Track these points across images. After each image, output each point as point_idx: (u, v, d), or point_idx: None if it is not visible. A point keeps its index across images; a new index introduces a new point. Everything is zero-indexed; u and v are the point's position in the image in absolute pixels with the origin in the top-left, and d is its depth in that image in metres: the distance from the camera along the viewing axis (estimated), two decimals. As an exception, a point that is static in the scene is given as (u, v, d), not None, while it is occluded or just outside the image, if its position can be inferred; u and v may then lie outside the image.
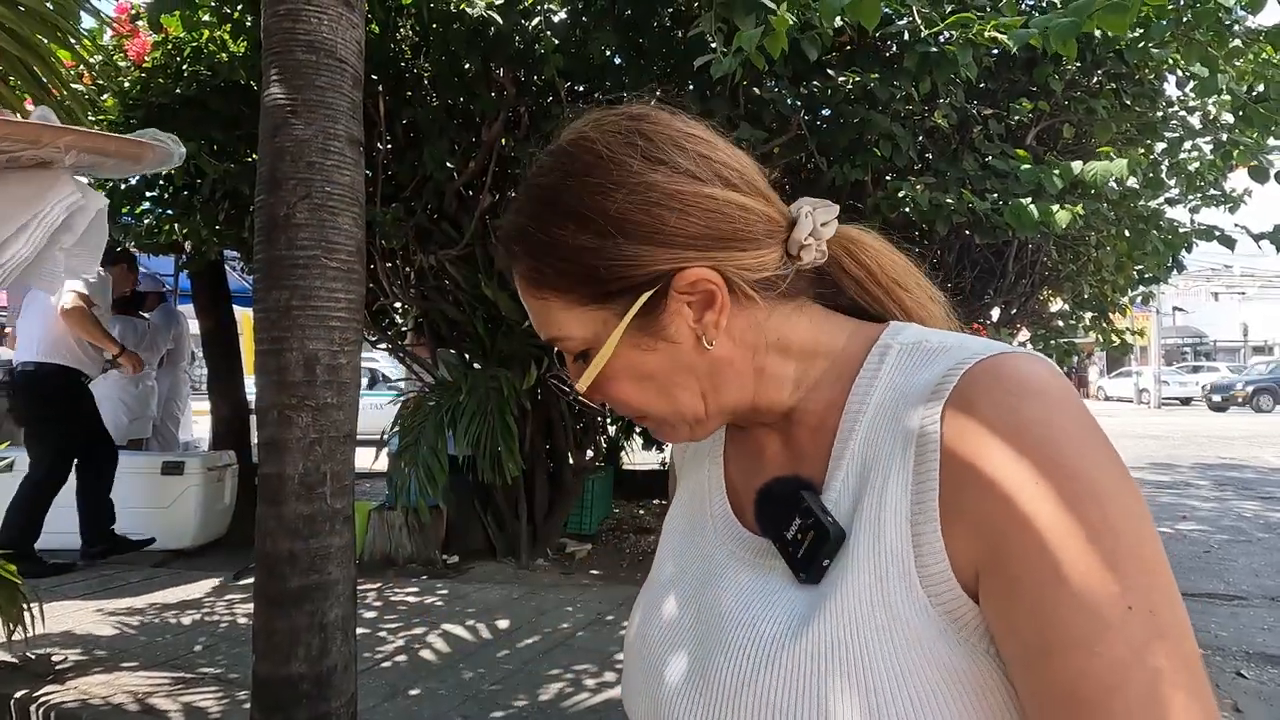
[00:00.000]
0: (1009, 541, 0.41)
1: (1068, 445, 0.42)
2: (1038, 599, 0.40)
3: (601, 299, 0.52)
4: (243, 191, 3.67)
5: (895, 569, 0.45)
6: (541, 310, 0.55)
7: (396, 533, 4.00)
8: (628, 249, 0.51)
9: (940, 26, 2.55)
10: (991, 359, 0.46)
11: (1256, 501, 6.32)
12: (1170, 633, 0.39)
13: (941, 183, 2.94)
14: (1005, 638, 0.42)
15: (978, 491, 0.43)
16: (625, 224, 0.51)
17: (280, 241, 1.31)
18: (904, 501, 0.46)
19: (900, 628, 0.44)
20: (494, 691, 2.39)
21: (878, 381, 0.51)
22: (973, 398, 0.45)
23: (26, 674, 2.45)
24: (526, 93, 3.44)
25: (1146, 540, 0.41)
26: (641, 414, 0.56)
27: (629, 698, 0.59)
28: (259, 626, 1.36)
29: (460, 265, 3.72)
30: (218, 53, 3.43)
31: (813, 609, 0.47)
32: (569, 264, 0.52)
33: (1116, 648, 0.38)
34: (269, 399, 1.33)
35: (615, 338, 0.52)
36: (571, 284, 0.52)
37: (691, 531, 0.62)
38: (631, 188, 0.51)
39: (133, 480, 4.06)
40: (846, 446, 0.51)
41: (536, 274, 0.53)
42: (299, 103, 1.30)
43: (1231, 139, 3.07)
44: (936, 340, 0.51)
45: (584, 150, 0.53)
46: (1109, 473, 0.42)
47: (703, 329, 0.52)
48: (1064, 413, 0.43)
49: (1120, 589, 0.39)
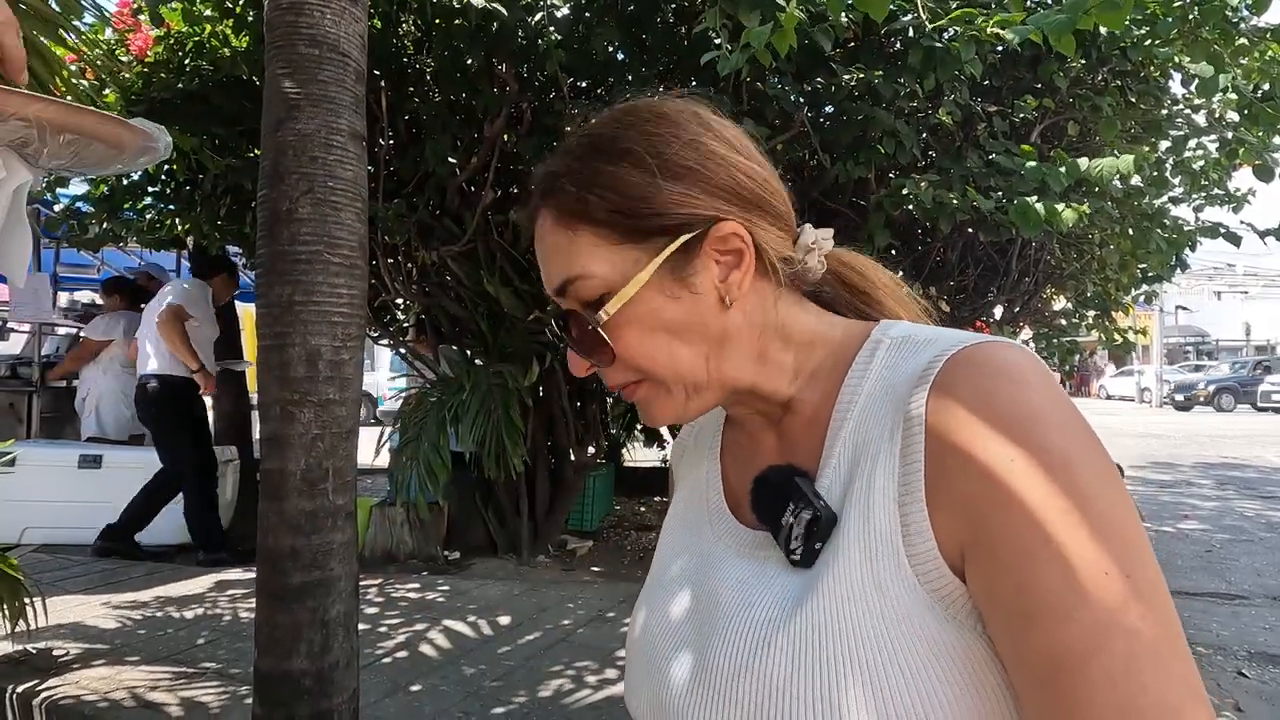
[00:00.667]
0: (989, 517, 0.43)
1: (1038, 421, 0.44)
2: (1017, 571, 0.41)
3: (636, 236, 0.53)
4: (244, 186, 3.67)
5: (885, 549, 0.46)
6: (567, 247, 0.54)
7: (398, 529, 4.00)
8: (675, 190, 0.53)
9: (944, 22, 2.54)
10: (972, 347, 0.48)
11: (1258, 501, 6.31)
12: (1146, 594, 0.40)
13: (945, 180, 2.93)
14: (990, 613, 0.43)
15: (959, 471, 0.45)
16: (677, 168, 0.53)
17: (283, 237, 1.31)
18: (891, 484, 0.47)
19: (891, 605, 0.45)
20: (495, 688, 2.39)
21: (869, 374, 0.54)
22: (953, 383, 0.47)
23: (28, 668, 2.46)
24: (529, 88, 3.43)
25: (1118, 504, 0.42)
26: (641, 374, 0.56)
27: (631, 694, 0.60)
28: (261, 621, 1.36)
29: (462, 261, 3.72)
30: (219, 48, 3.42)
31: (806, 590, 0.48)
32: (614, 194, 0.53)
33: (1094, 612, 0.39)
34: (271, 394, 1.33)
35: (647, 273, 0.53)
36: (610, 216, 0.53)
37: (691, 529, 0.63)
38: (686, 141, 0.54)
39: (133, 476, 4.07)
40: (838, 436, 0.53)
41: (576, 204, 0.54)
42: (302, 97, 1.30)
43: (1237, 137, 3.06)
44: (925, 334, 0.54)
45: (647, 107, 0.57)
46: (1078, 443, 0.43)
47: (726, 288, 0.54)
48: (1035, 391, 0.45)
49: (1095, 555, 0.40)
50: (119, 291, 4.93)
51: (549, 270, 0.56)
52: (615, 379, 0.57)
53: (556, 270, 0.55)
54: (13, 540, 3.90)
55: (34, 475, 4.06)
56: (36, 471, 4.07)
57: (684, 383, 0.55)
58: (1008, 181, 2.88)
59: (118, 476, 4.10)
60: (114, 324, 4.75)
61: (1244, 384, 19.87)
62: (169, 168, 3.92)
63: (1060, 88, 3.07)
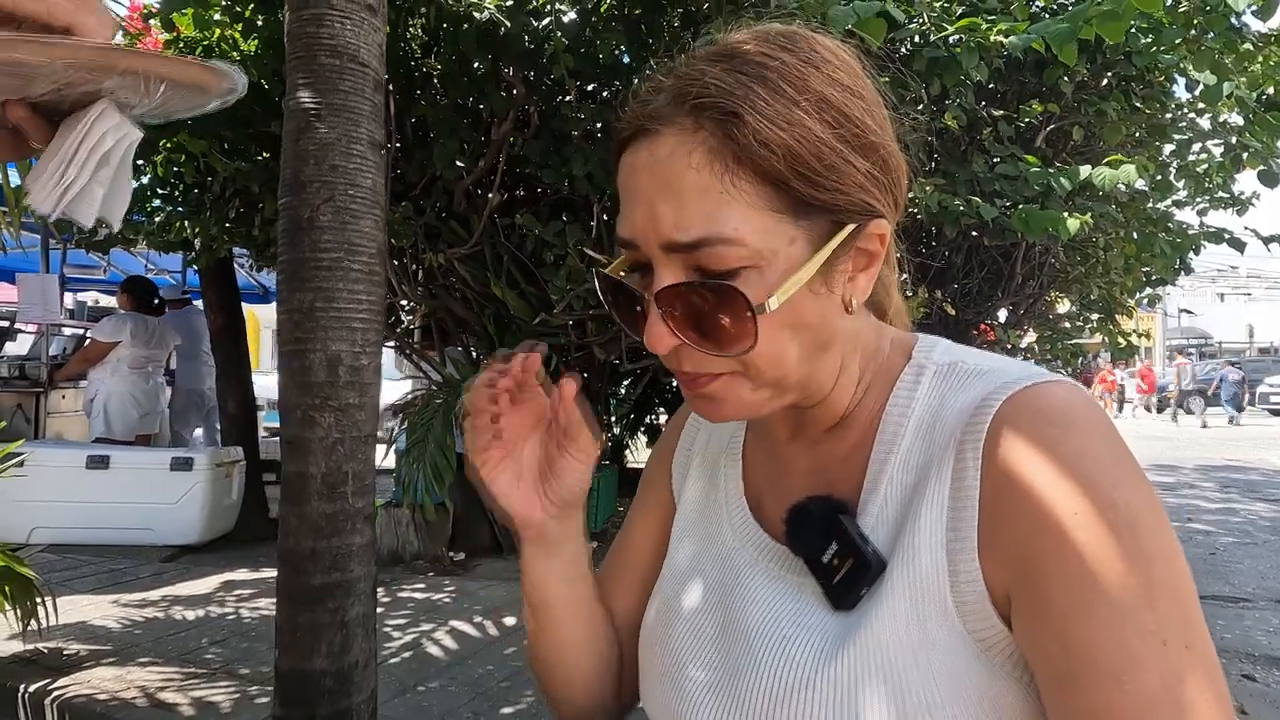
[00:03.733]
0: (1043, 566, 0.41)
1: (1105, 476, 0.42)
2: (1066, 626, 0.40)
3: (800, 211, 0.44)
4: (253, 190, 3.69)
5: (930, 595, 0.44)
6: (716, 195, 0.43)
7: (404, 530, 4.02)
8: (861, 167, 0.45)
9: (949, 31, 2.56)
10: (1033, 388, 0.45)
11: (1262, 504, 6.31)
12: (1203, 669, 0.39)
13: (951, 184, 2.95)
14: (1036, 662, 0.42)
15: (1015, 518, 0.43)
16: (865, 140, 0.45)
17: (304, 244, 1.33)
18: (939, 527, 0.45)
19: (937, 655, 0.43)
20: (504, 688, 2.41)
21: (914, 402, 0.50)
22: (1014, 425, 0.44)
23: (40, 667, 2.48)
24: (536, 92, 3.45)
25: (1179, 574, 0.41)
26: (744, 368, 0.47)
27: (648, 698, 0.58)
28: (281, 621, 1.38)
29: (469, 264, 3.73)
30: (229, 52, 3.44)
31: (847, 633, 0.46)
32: (805, 151, 0.43)
33: (1148, 681, 0.38)
34: (292, 399, 1.35)
35: (816, 262, 0.44)
36: (789, 175, 0.43)
37: (706, 527, 0.60)
38: (870, 104, 0.47)
39: (141, 476, 4.09)
40: (884, 470, 0.50)
41: (752, 145, 0.42)
42: (323, 106, 1.32)
43: (1241, 142, 3.08)
44: (973, 362, 0.51)
45: (825, 48, 0.47)
46: (1144, 504, 0.42)
47: (853, 290, 0.48)
48: (1101, 442, 0.43)
49: (1154, 622, 0.39)
50: (130, 292, 4.96)
51: (679, 213, 0.43)
52: (705, 367, 0.48)
53: (693, 220, 0.43)
54: (21, 540, 3.92)
55: (42, 476, 4.08)
56: (44, 472, 4.09)
57: (780, 384, 0.48)
58: (1013, 186, 2.89)
59: (125, 477, 4.12)
60: (121, 325, 4.77)
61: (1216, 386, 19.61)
62: (177, 170, 3.94)
63: (1065, 92, 3.09)
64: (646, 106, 0.46)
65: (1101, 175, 2.61)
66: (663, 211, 0.44)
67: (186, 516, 4.10)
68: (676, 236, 0.44)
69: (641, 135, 0.46)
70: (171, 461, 4.16)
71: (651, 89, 0.47)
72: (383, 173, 1.43)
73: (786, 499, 0.53)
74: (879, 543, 0.47)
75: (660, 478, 0.67)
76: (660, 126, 0.45)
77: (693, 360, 0.48)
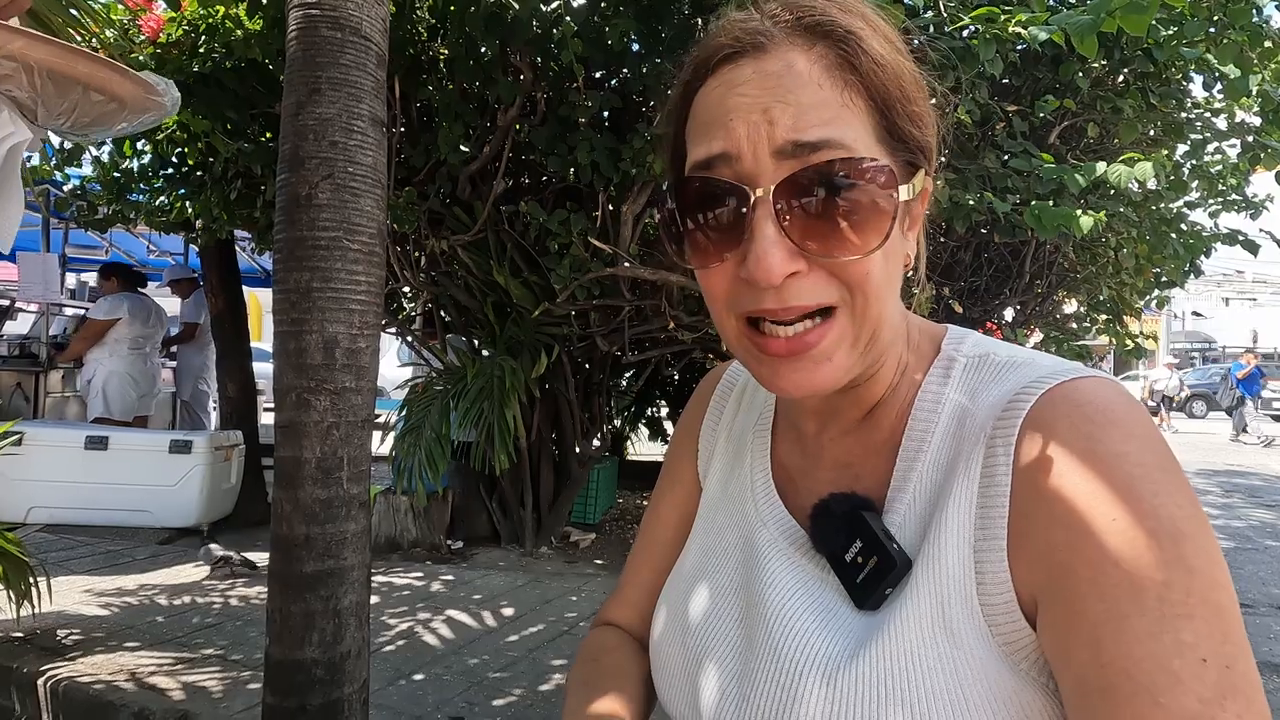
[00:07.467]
0: (1079, 573, 0.39)
1: (1148, 482, 0.40)
2: (1100, 636, 0.38)
3: (898, 141, 0.45)
4: (255, 170, 3.65)
5: (956, 595, 0.43)
6: (835, 105, 0.43)
7: (402, 516, 4.00)
8: (926, 114, 0.47)
9: (965, 20, 2.51)
10: (1070, 383, 0.44)
11: (1264, 509, 6.29)
12: (1244, 690, 0.37)
13: (961, 179, 2.90)
14: (1062, 670, 0.40)
15: (1048, 521, 0.41)
16: (922, 94, 0.47)
17: (302, 222, 1.29)
18: (967, 525, 0.43)
19: (963, 657, 0.42)
20: (498, 679, 2.39)
21: (945, 397, 0.49)
22: (1050, 422, 0.42)
23: (34, 649, 2.46)
24: (544, 78, 3.41)
25: (1222, 586, 0.39)
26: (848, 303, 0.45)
27: (662, 651, 0.56)
28: (273, 609, 1.35)
29: (472, 251, 3.70)
30: (233, 30, 3.40)
31: (870, 632, 0.45)
32: (905, 82, 0.45)
33: (1186, 699, 0.36)
34: (287, 382, 1.31)
35: (917, 183, 0.46)
36: (889, 99, 0.44)
37: (730, 505, 0.59)
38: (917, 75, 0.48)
39: (140, 458, 4.07)
40: (913, 468, 0.48)
41: (867, 66, 0.44)
42: (323, 80, 1.28)
43: (1258, 141, 3.03)
44: (1004, 354, 0.49)
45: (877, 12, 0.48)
46: (1188, 514, 0.39)
47: (910, 243, 0.49)
48: (1144, 445, 0.41)
49: (1194, 638, 0.37)
50: (115, 275, 4.95)
51: (799, 117, 0.42)
52: (815, 297, 0.44)
53: (814, 124, 0.42)
54: (18, 520, 3.90)
55: (40, 455, 4.07)
56: (43, 451, 4.08)
57: (875, 331, 0.46)
58: (1025, 182, 2.85)
59: (124, 458, 4.10)
60: (118, 304, 4.76)
61: (1216, 390, 19.58)
62: (180, 150, 3.90)
63: (1081, 88, 3.03)
64: (748, 24, 0.45)
65: (1117, 172, 2.57)
66: (779, 115, 0.43)
67: (185, 499, 4.09)
68: (798, 136, 0.42)
69: (743, 54, 0.45)
70: (170, 444, 4.15)
71: (743, 17, 0.46)
72: (384, 151, 1.40)
73: (813, 492, 0.51)
74: (905, 541, 0.46)
75: (686, 455, 0.67)
76: (769, 43, 0.44)
77: (804, 287, 0.44)
